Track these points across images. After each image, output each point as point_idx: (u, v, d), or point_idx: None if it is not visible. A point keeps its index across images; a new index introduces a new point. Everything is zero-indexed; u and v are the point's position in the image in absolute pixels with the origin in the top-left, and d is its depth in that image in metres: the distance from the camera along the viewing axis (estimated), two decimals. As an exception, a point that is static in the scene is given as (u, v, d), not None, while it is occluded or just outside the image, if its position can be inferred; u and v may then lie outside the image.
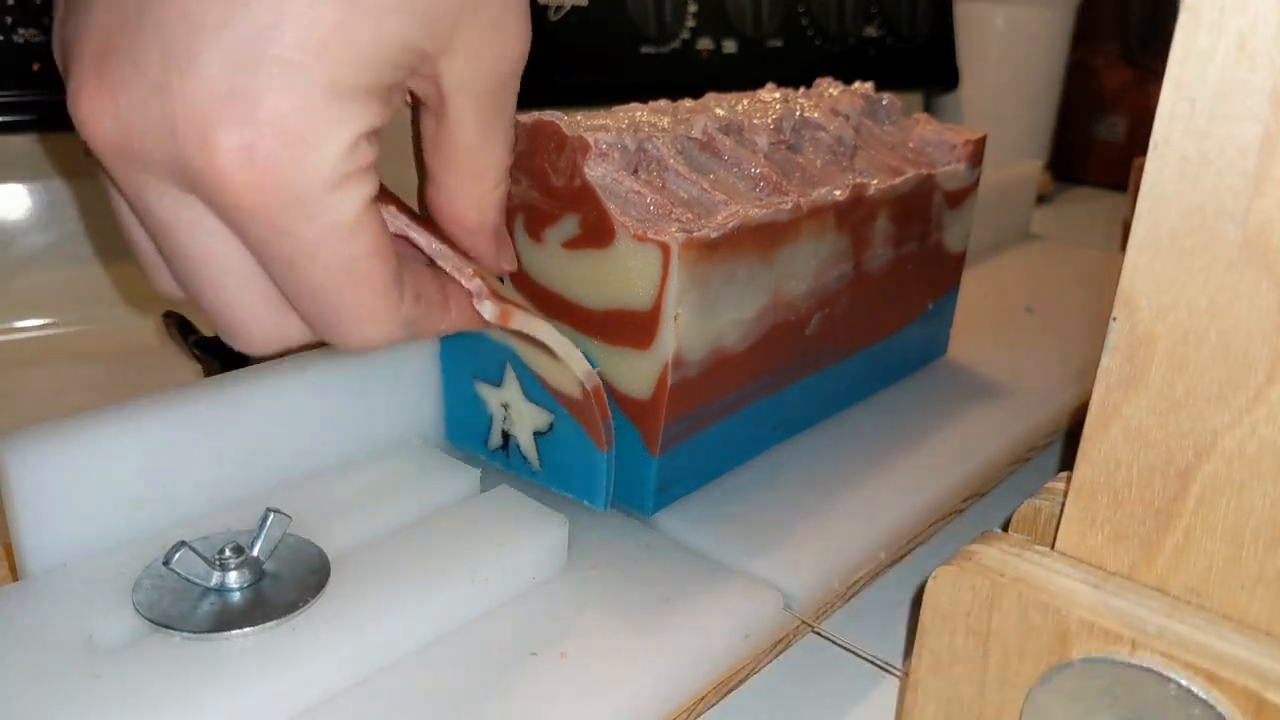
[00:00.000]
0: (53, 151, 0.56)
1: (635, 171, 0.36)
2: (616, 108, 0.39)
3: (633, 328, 0.34)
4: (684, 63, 0.78)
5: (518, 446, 0.38)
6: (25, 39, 0.49)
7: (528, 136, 0.35)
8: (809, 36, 0.86)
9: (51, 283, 0.57)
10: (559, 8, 0.71)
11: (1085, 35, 1.03)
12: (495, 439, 0.39)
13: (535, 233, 0.36)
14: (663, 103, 0.41)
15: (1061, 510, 0.28)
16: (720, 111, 0.40)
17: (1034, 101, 1.00)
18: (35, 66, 0.50)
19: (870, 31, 0.91)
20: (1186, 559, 0.25)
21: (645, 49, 0.76)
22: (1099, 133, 1.10)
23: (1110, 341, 0.25)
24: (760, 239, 0.36)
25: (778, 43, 0.84)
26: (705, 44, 0.79)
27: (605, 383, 0.36)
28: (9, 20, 0.49)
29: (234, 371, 0.34)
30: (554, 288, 0.36)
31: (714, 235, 0.33)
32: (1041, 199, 0.92)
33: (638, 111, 0.39)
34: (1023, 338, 0.56)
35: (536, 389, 0.37)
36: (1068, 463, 0.28)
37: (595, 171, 0.34)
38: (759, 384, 0.39)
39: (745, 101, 0.43)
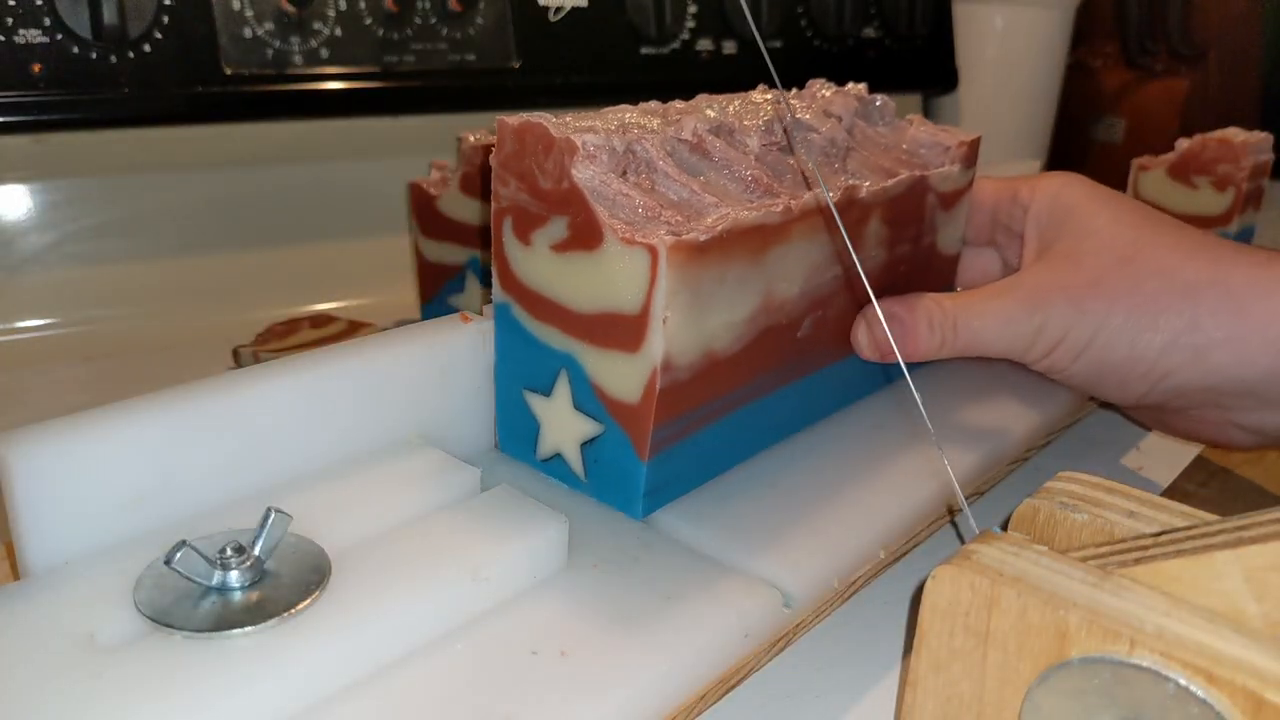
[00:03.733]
0: (53, 151, 0.56)
1: (624, 173, 0.35)
2: (606, 109, 0.39)
3: (622, 331, 0.34)
4: (684, 64, 0.78)
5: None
6: (26, 40, 0.49)
7: (515, 138, 0.35)
8: (808, 38, 0.86)
9: (52, 283, 0.57)
10: (559, 9, 0.71)
11: (1084, 36, 1.03)
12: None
13: (524, 235, 0.36)
14: (653, 104, 0.41)
15: (1062, 509, 0.28)
16: (711, 113, 0.40)
17: (1032, 102, 1.00)
18: (36, 67, 0.50)
19: (869, 33, 0.92)
20: (1185, 558, 0.25)
21: (645, 50, 0.76)
22: (1098, 134, 1.10)
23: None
24: (751, 241, 0.35)
25: (777, 44, 0.84)
26: (705, 45, 0.79)
27: (595, 387, 0.35)
28: (10, 21, 0.49)
29: (234, 371, 0.34)
30: (543, 290, 0.36)
31: (703, 238, 0.33)
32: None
33: (627, 113, 0.39)
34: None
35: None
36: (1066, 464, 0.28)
37: (583, 174, 0.34)
38: (751, 387, 0.39)
39: (736, 103, 0.43)
